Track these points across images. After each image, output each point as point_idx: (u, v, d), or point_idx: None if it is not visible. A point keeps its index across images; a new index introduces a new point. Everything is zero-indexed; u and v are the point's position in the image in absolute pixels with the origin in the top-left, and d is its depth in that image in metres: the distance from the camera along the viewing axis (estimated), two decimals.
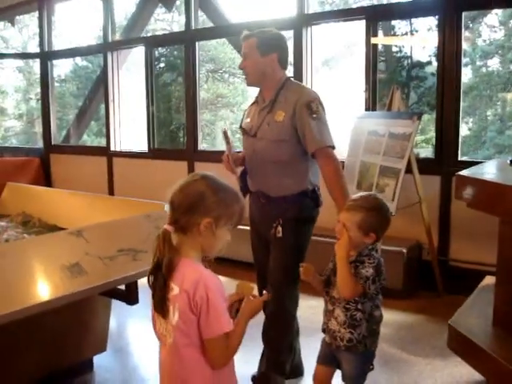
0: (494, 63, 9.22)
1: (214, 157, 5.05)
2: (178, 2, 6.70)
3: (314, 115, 2.43)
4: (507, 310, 2.13)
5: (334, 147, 2.50)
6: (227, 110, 11.63)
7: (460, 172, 2.21)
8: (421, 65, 7.81)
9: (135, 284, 2.65)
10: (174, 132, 8.81)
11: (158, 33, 9.17)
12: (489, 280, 2.79)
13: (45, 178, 7.04)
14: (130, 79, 6.89)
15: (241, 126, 2.78)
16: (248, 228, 2.79)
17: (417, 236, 4.19)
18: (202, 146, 5.93)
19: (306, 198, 2.56)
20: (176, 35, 6.65)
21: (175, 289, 1.48)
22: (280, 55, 2.57)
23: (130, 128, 6.84)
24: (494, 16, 8.23)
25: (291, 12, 4.90)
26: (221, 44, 9.73)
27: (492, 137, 9.04)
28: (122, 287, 2.61)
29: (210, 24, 6.33)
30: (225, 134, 2.64)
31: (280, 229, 2.52)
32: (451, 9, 3.98)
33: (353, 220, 1.99)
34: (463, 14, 3.99)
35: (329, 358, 2.16)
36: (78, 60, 10.91)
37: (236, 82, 12.70)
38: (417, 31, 6.61)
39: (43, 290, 2.12)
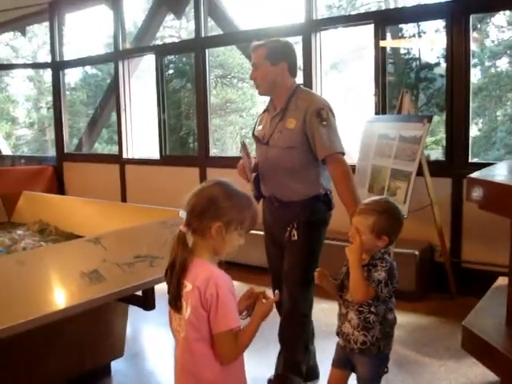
0: (503, 63, 9.21)
1: (225, 162, 5.14)
2: (186, 9, 6.77)
3: (324, 122, 2.47)
4: None
5: (343, 153, 2.55)
6: (236, 115, 11.69)
7: (471, 174, 2.23)
8: (429, 66, 7.80)
9: (152, 290, 2.69)
10: (184, 138, 8.87)
11: (166, 39, 9.28)
12: (502, 281, 2.80)
13: (58, 186, 7.13)
14: (140, 86, 6.96)
15: (253, 134, 2.82)
16: (260, 233, 2.82)
17: (429, 238, 4.21)
18: (213, 151, 5.98)
19: (318, 201, 2.60)
20: (186, 43, 6.74)
21: (188, 286, 1.56)
22: (289, 63, 2.61)
23: (141, 135, 6.91)
24: (502, 16, 8.23)
25: (300, 18, 4.94)
26: (229, 49, 9.80)
27: (502, 137, 9.01)
28: (139, 293, 2.67)
29: (218, 30, 6.41)
30: (244, 146, 2.69)
31: (295, 232, 2.56)
32: (459, 12, 4.02)
33: (365, 223, 2.01)
34: (471, 16, 4.02)
35: (343, 362, 2.18)
36: (88, 68, 11.02)
37: (245, 87, 12.75)
38: (424, 33, 6.62)
39: (63, 296, 2.16)
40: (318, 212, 2.61)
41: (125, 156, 6.52)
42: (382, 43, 4.43)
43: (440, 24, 6.04)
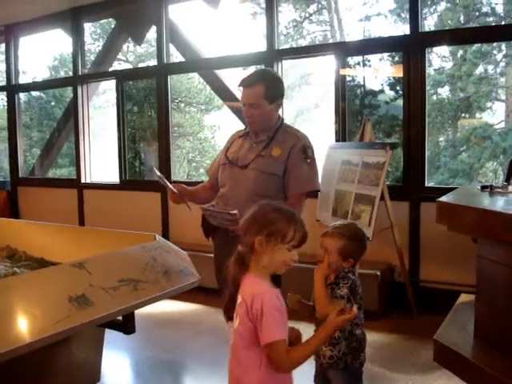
0: (445, 91, 9.77)
1: (190, 186, 5.19)
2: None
3: (308, 160, 2.60)
4: (488, 324, 2.33)
5: (317, 190, 2.72)
6: (184, 139, 11.75)
7: (440, 198, 2.41)
8: (373, 93, 8.16)
9: (132, 313, 2.74)
10: (130, 162, 8.83)
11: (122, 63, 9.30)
12: (464, 298, 3.00)
13: (11, 212, 6.96)
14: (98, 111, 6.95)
15: (226, 156, 2.80)
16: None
17: (388, 259, 4.40)
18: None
19: None
20: (148, 69, 6.80)
21: (239, 299, 1.71)
22: (282, 99, 2.70)
23: (99, 160, 6.88)
24: (445, 46, 8.74)
25: (261, 47, 5.12)
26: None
27: (446, 162, 9.49)
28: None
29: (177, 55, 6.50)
30: (161, 179, 2.78)
31: None
32: (415, 46, 4.30)
33: (335, 246, 2.15)
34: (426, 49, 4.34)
35: (321, 377, 2.28)
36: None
37: (192, 111, 12.86)
38: (369, 61, 6.95)
39: (54, 321, 2.17)
40: None
41: (83, 180, 6.46)
42: (341, 72, 4.67)
43: (389, 55, 6.42)
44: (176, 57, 6.10)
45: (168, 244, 3.09)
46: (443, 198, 2.41)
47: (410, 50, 4.30)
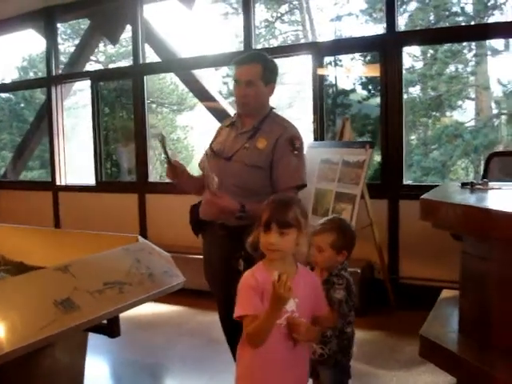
0: (416, 90, 9.92)
1: (166, 188, 5.17)
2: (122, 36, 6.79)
3: (296, 152, 2.46)
4: (472, 319, 2.38)
5: (305, 185, 2.53)
6: (155, 139, 11.65)
7: (423, 196, 2.45)
8: (345, 93, 8.24)
9: (117, 317, 2.70)
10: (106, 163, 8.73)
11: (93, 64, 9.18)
12: (446, 294, 3.05)
13: None
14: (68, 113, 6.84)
15: (210, 147, 2.69)
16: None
17: (368, 256, 4.44)
18: (132, 177, 6.05)
19: None
20: (123, 69, 6.74)
21: None
22: (275, 84, 2.58)
23: (72, 162, 6.78)
24: (416, 46, 8.87)
25: (239, 47, 5.12)
26: None
27: (418, 160, 9.65)
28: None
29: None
30: (162, 141, 2.61)
31: (242, 262, 2.37)
32: (392, 45, 4.36)
33: (327, 241, 2.17)
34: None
35: (315, 372, 2.29)
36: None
37: (164, 111, 12.79)
38: (340, 61, 7.01)
39: (38, 326, 2.13)
40: None
41: (58, 183, 6.35)
42: (319, 71, 4.70)
43: (361, 55, 6.48)
44: (148, 57, 6.04)
45: (151, 245, 3.05)
46: (427, 196, 2.45)
47: (387, 49, 4.35)
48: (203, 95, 5.93)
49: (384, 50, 4.37)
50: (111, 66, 10.85)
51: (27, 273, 2.67)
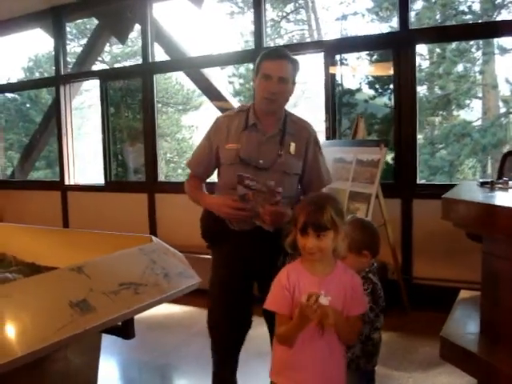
0: (423, 89, 9.88)
1: (175, 187, 5.13)
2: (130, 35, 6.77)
3: (321, 151, 2.49)
4: (494, 320, 2.33)
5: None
6: (161, 139, 11.68)
7: (445, 195, 2.40)
8: (351, 92, 8.21)
9: (132, 318, 2.67)
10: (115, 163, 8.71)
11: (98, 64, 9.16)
12: (464, 294, 3.00)
13: None
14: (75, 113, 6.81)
15: (237, 154, 2.43)
16: None
17: (381, 257, 4.35)
18: (138, 176, 6.06)
19: None
20: (132, 68, 6.71)
21: None
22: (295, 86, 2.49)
23: (80, 161, 6.76)
24: (424, 45, 8.82)
25: (250, 45, 5.08)
26: None
27: (425, 159, 9.60)
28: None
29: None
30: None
31: (282, 259, 2.30)
32: (405, 43, 4.32)
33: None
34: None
35: None
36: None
37: (170, 111, 12.78)
38: (346, 59, 6.96)
39: (54, 328, 2.10)
40: None
41: (67, 182, 6.33)
42: (331, 70, 4.65)
43: (367, 53, 6.43)
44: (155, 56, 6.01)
45: (165, 246, 3.02)
46: (448, 195, 2.40)
47: (401, 46, 4.30)
48: (213, 94, 5.89)
49: (397, 47, 4.32)
50: (116, 65, 10.85)
51: (41, 274, 2.64)
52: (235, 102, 6.07)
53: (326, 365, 1.80)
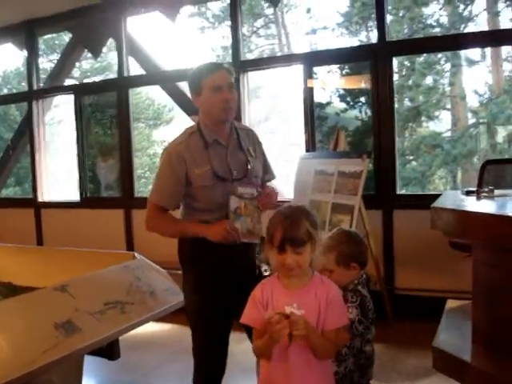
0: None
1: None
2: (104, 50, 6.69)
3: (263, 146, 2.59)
4: (486, 328, 2.32)
5: None
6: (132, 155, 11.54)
7: (433, 204, 2.40)
8: (321, 105, 8.25)
9: (117, 338, 2.59)
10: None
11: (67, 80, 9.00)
12: (451, 304, 2.99)
13: None
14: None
15: (213, 173, 2.35)
16: None
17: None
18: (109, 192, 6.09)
19: None
20: (107, 82, 6.62)
21: None
22: None
23: (55, 177, 6.62)
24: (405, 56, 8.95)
25: (221, 60, 5.07)
26: None
27: (399, 170, 9.68)
28: None
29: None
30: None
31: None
32: (383, 55, 4.36)
33: (331, 260, 2.05)
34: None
35: None
36: None
37: (140, 126, 12.68)
38: (316, 73, 7.01)
39: (39, 351, 2.01)
40: None
41: (40, 199, 6.17)
42: (308, 83, 4.66)
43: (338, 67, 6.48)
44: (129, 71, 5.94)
45: (149, 262, 2.97)
46: (437, 204, 2.40)
47: (379, 58, 4.34)
48: (189, 108, 5.83)
49: (375, 59, 4.36)
50: (86, 81, 10.72)
51: (23, 294, 2.54)
52: None
53: (303, 381, 1.74)
